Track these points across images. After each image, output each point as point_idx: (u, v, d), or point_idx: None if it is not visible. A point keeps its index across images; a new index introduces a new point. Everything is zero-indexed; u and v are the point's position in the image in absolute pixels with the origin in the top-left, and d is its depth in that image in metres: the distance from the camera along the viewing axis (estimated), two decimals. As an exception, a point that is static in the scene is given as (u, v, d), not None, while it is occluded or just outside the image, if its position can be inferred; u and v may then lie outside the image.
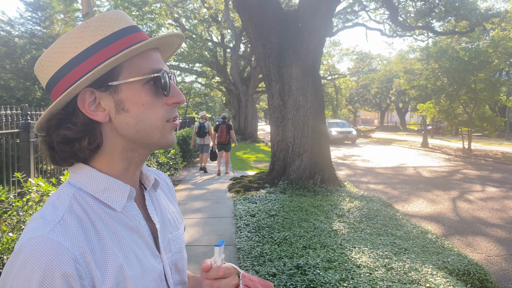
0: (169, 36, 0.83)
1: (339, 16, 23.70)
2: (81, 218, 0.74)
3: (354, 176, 12.95)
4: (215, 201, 8.02)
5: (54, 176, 5.57)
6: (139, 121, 0.79)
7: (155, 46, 0.83)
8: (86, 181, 0.79)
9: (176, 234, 0.94)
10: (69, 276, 0.65)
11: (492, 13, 18.71)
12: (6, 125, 4.72)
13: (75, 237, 0.69)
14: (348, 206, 6.93)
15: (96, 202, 0.78)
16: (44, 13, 8.21)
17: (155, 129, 0.80)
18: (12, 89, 7.20)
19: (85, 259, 0.68)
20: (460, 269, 4.39)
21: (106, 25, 0.78)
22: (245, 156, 17.94)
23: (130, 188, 0.81)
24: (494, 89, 18.75)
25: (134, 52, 0.77)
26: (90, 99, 0.77)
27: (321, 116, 9.08)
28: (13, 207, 2.92)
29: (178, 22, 28.96)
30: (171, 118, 0.82)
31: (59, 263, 0.65)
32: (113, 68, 0.77)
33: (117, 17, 0.81)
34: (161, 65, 0.82)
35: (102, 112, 0.78)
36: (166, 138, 0.82)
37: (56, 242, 0.66)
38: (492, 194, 9.84)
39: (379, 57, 58.91)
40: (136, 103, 0.78)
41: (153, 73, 0.79)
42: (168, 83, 0.81)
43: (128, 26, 0.80)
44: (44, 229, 0.68)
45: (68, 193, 0.77)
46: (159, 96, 0.80)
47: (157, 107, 0.80)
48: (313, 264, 3.99)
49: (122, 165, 0.82)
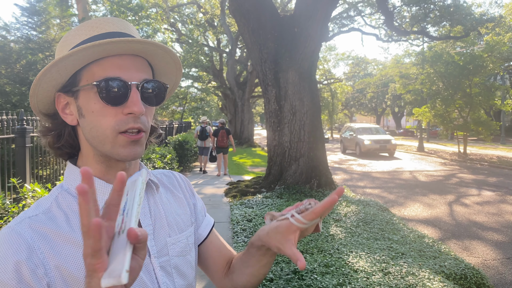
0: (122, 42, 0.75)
1: (335, 21, 23.81)
2: (55, 216, 0.78)
3: (351, 180, 12.96)
4: (211, 206, 8.00)
5: (50, 182, 5.54)
6: (91, 128, 0.80)
7: (111, 53, 0.78)
8: (72, 181, 0.84)
9: (177, 238, 0.93)
10: (21, 263, 0.69)
11: (486, 18, 18.87)
12: (2, 131, 4.70)
13: (39, 229, 0.74)
14: (345, 210, 6.93)
15: (76, 201, 0.80)
16: (40, 18, 8.21)
17: (105, 138, 0.79)
18: (7, 94, 7.17)
19: (42, 250, 0.72)
20: (457, 273, 4.39)
21: (82, 33, 0.83)
22: (242, 161, 17.92)
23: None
24: (489, 94, 18.86)
25: (79, 58, 0.76)
26: (64, 103, 0.84)
27: (317, 121, 9.09)
28: (9, 212, 2.90)
29: (174, 27, 28.99)
30: (125, 129, 0.78)
31: (13, 252, 0.70)
32: (75, 74, 0.80)
33: (96, 24, 0.84)
34: (120, 73, 0.78)
35: (71, 116, 0.83)
36: (117, 151, 0.79)
37: (17, 232, 0.73)
38: (488, 198, 9.87)
39: (375, 62, 59.17)
40: (87, 110, 0.80)
41: (104, 80, 0.77)
42: (119, 91, 0.77)
43: (104, 33, 0.82)
44: (14, 221, 0.76)
45: (53, 194, 0.83)
46: (111, 105, 0.77)
47: (106, 116, 0.78)
48: (310, 269, 3.98)
49: (99, 168, 0.84)
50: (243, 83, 29.54)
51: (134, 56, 0.81)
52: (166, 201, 0.97)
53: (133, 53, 0.81)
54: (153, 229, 0.88)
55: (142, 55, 0.83)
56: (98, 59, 0.78)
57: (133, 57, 0.81)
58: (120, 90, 0.77)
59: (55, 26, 8.71)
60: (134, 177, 0.64)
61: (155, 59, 0.86)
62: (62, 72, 0.79)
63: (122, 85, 0.77)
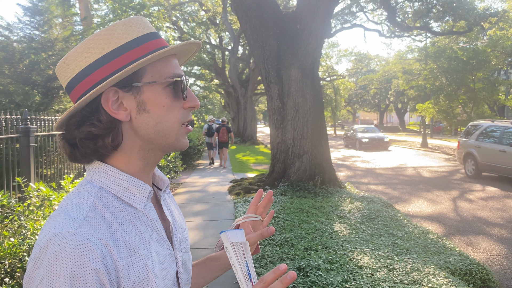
0: (189, 44, 0.89)
1: (337, 17, 23.71)
2: (105, 216, 0.75)
3: (354, 177, 12.94)
4: (215, 203, 8.01)
5: (54, 181, 5.57)
6: (158, 122, 0.82)
7: (176, 52, 0.88)
8: (107, 180, 0.81)
9: (184, 235, 0.99)
10: (100, 272, 0.66)
11: (490, 13, 18.71)
12: (6, 130, 4.71)
13: (102, 234, 0.71)
14: (349, 207, 6.93)
15: (118, 201, 0.80)
16: (43, 18, 8.21)
17: (171, 130, 0.84)
18: (11, 94, 7.18)
19: (111, 256, 0.70)
20: (462, 268, 4.39)
21: (131, 30, 0.83)
22: (245, 158, 17.93)
23: (150, 188, 0.84)
24: (493, 89, 18.79)
25: (157, 57, 0.81)
26: (114, 98, 0.81)
27: (320, 118, 9.08)
28: (14, 212, 2.91)
29: (176, 25, 28.99)
30: (186, 121, 0.86)
31: (89, 259, 0.66)
32: (137, 70, 0.81)
33: (141, 22, 0.86)
34: (180, 71, 0.87)
35: (124, 112, 0.81)
36: (180, 141, 0.86)
37: (85, 238, 0.68)
38: (493, 193, 9.83)
39: (378, 58, 59.00)
40: (157, 104, 0.82)
41: (174, 77, 0.83)
42: (183, 87, 0.85)
43: (150, 32, 0.85)
44: (71, 225, 0.69)
45: (91, 192, 0.79)
46: (177, 99, 0.84)
47: (175, 110, 0.84)
48: (315, 265, 3.98)
49: (139, 164, 0.85)
50: (246, 80, 29.53)
51: (174, 55, 0.89)
52: (169, 200, 1.02)
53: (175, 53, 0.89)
54: (174, 226, 0.93)
55: (177, 53, 0.91)
56: (162, 58, 0.84)
57: (175, 55, 0.89)
58: (184, 86, 0.85)
59: (58, 25, 8.71)
60: (237, 238, 0.80)
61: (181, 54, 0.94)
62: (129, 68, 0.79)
63: (185, 82, 0.86)
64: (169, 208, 0.97)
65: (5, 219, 2.89)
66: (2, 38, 7.90)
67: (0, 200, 2.92)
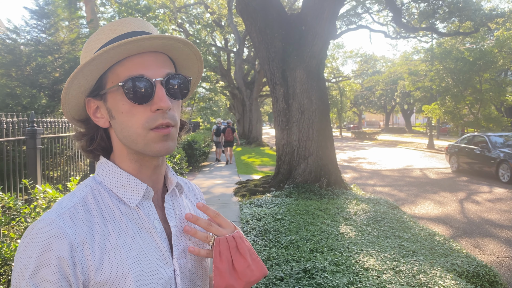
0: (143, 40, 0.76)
1: (342, 19, 23.69)
2: (91, 209, 0.79)
3: (360, 178, 12.90)
4: (221, 205, 8.01)
5: (61, 183, 5.59)
6: (122, 128, 0.81)
7: (131, 53, 0.79)
8: (107, 175, 0.85)
9: (196, 242, 0.93)
10: (63, 261, 0.70)
11: (496, 13, 18.63)
12: (13, 132, 4.75)
13: (78, 226, 0.74)
14: (355, 209, 6.90)
15: (112, 197, 0.82)
16: (49, 21, 8.27)
17: (137, 136, 0.80)
18: (18, 97, 7.24)
19: (82, 248, 0.73)
20: (469, 271, 4.35)
21: (101, 38, 0.84)
22: (250, 160, 17.94)
23: (147, 187, 0.84)
24: (500, 89, 18.65)
25: (102, 61, 0.77)
26: (94, 107, 0.85)
27: (326, 119, 9.06)
28: (20, 213, 2.93)
29: (182, 28, 29.09)
30: (156, 125, 0.79)
31: (57, 247, 0.70)
32: (101, 78, 0.82)
33: (113, 27, 0.84)
34: (143, 71, 0.79)
35: (102, 119, 0.85)
36: (151, 147, 0.80)
37: (60, 226, 0.72)
38: (500, 195, 9.76)
39: (383, 59, 58.86)
40: (117, 111, 0.81)
41: (128, 79, 0.78)
42: (144, 89, 0.78)
43: (119, 35, 0.83)
44: (55, 213, 0.75)
45: (88, 185, 0.83)
46: (139, 103, 0.78)
47: (137, 115, 0.79)
48: (321, 267, 3.96)
49: (133, 166, 0.86)
50: (251, 82, 29.54)
51: (155, 53, 0.82)
52: (186, 206, 0.98)
53: (153, 50, 0.82)
54: (177, 231, 0.89)
55: (163, 51, 0.84)
56: (121, 60, 0.80)
57: (154, 54, 0.82)
58: (145, 87, 0.78)
59: (64, 28, 8.77)
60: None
61: (176, 54, 0.87)
62: (88, 77, 0.80)
63: (146, 83, 0.78)
64: (180, 212, 0.93)
65: (12, 221, 2.91)
66: (9, 41, 7.96)
67: (6, 202, 2.94)
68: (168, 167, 0.95)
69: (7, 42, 7.93)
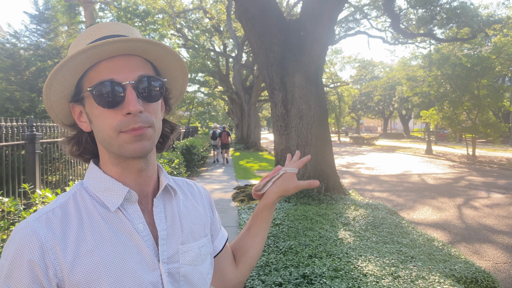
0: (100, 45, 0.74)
1: (341, 24, 23.78)
2: (69, 213, 0.80)
3: (359, 184, 12.90)
4: (219, 210, 8.01)
5: (59, 187, 5.59)
6: (98, 131, 0.83)
7: (103, 57, 0.78)
8: (92, 179, 0.86)
9: (190, 246, 0.92)
10: (34, 264, 0.72)
11: (493, 20, 18.70)
12: (12, 137, 4.75)
13: (52, 228, 0.76)
14: (353, 214, 6.90)
15: (94, 201, 0.83)
16: (49, 26, 8.30)
17: (111, 139, 0.80)
18: (17, 101, 7.24)
19: (54, 251, 0.74)
20: (468, 276, 4.36)
21: (75, 45, 0.86)
22: (249, 165, 17.93)
23: (129, 191, 0.84)
24: (498, 95, 18.71)
25: (71, 67, 0.78)
26: (78, 112, 0.87)
27: (324, 124, 9.08)
28: (20, 218, 2.93)
29: (181, 33, 29.16)
30: (128, 128, 0.78)
31: (28, 250, 0.72)
32: (79, 83, 0.83)
33: (89, 32, 0.86)
34: (114, 75, 0.79)
35: (85, 123, 0.87)
36: (125, 148, 0.80)
37: (33, 229, 0.74)
38: (498, 200, 9.78)
39: (382, 65, 58.99)
40: (92, 115, 0.83)
41: (95, 85, 0.78)
42: (113, 93, 0.78)
43: (94, 40, 0.83)
44: (33, 216, 0.78)
45: (72, 190, 0.85)
46: (110, 107, 0.79)
47: (109, 118, 0.79)
48: (319, 273, 3.96)
49: (115, 170, 0.86)
50: (250, 87, 29.60)
51: (128, 56, 0.81)
52: (184, 208, 0.97)
53: (127, 53, 0.81)
54: (167, 234, 0.88)
55: (137, 54, 0.82)
56: (94, 65, 0.80)
57: (126, 57, 0.81)
58: (115, 91, 0.77)
59: (64, 33, 8.81)
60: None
61: (151, 56, 0.85)
62: (63, 83, 0.81)
63: (116, 87, 0.78)
64: (173, 215, 0.91)
65: (11, 226, 2.91)
66: (9, 46, 7.98)
67: (8, 207, 2.94)
68: (161, 170, 0.94)
69: (7, 46, 7.95)
